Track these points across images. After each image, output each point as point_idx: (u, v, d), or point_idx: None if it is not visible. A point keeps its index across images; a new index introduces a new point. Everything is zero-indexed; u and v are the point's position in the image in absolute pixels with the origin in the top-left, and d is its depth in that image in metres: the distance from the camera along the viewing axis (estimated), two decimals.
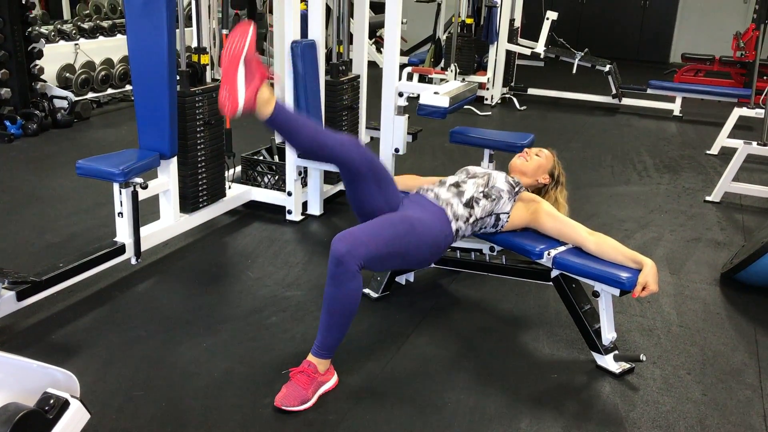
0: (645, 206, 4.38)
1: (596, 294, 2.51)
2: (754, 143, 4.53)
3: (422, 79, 6.19)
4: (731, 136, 5.60)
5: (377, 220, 2.41)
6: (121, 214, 3.02)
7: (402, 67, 3.94)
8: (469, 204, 2.66)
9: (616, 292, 2.43)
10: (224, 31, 3.81)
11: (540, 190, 2.95)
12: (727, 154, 5.23)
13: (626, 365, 2.55)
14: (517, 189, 2.76)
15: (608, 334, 2.54)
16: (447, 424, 2.23)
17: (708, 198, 4.52)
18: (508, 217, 2.71)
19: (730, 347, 2.77)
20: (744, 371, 2.61)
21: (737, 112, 5.54)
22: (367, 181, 2.49)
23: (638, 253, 2.46)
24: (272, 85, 2.24)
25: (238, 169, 4.18)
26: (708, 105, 7.33)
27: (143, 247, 3.14)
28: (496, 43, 7.17)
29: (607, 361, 2.55)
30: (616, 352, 2.57)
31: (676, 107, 7.11)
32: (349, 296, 2.24)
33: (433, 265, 3.14)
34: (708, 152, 5.73)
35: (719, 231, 4.01)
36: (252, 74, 2.12)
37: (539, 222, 2.70)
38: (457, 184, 2.74)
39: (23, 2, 5.45)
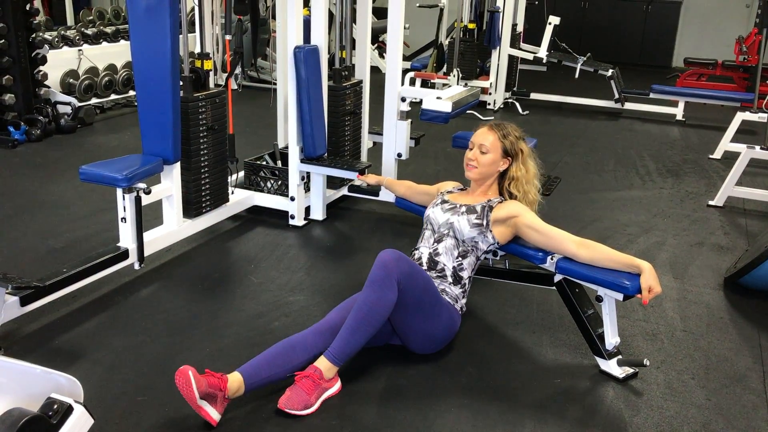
0: (648, 210, 4.38)
1: (599, 299, 2.50)
2: (757, 147, 4.53)
3: (425, 84, 6.22)
4: (734, 140, 5.59)
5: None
6: (124, 219, 3.03)
7: (405, 72, 3.95)
8: (456, 278, 2.66)
9: (620, 296, 2.42)
10: (227, 37, 3.82)
11: (505, 172, 2.79)
12: (730, 158, 5.22)
13: (630, 370, 2.55)
14: (486, 221, 2.66)
15: (612, 339, 2.53)
16: (450, 429, 2.23)
17: (711, 202, 4.52)
18: (495, 240, 2.68)
19: (734, 352, 2.76)
20: (748, 376, 2.60)
21: (740, 117, 5.53)
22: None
23: (633, 256, 2.44)
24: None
25: (241, 174, 4.19)
26: (711, 109, 7.33)
27: (146, 252, 3.15)
28: (498, 48, 7.17)
29: (611, 366, 2.54)
30: (620, 356, 2.57)
31: (678, 111, 7.11)
32: (384, 303, 2.29)
33: None
34: (711, 156, 5.72)
35: (722, 235, 4.01)
36: (213, 395, 2.16)
37: (523, 236, 2.67)
38: (432, 262, 2.66)
39: (27, 8, 5.47)
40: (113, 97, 6.54)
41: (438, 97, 3.69)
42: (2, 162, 4.94)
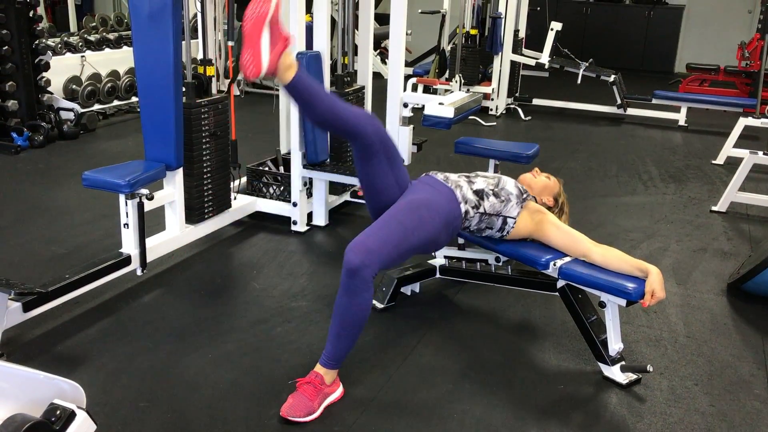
0: (651, 216, 4.37)
1: (602, 304, 2.50)
2: (760, 153, 4.52)
3: (427, 89, 6.23)
4: (737, 145, 5.58)
5: (385, 219, 2.39)
6: (126, 225, 3.03)
7: (407, 77, 3.95)
8: (479, 194, 2.67)
9: (623, 302, 2.42)
10: (230, 43, 3.82)
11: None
12: (733, 163, 5.22)
13: (633, 376, 2.54)
14: (524, 196, 2.76)
15: (615, 345, 2.53)
16: None
17: (714, 208, 4.51)
18: (515, 222, 2.70)
19: (737, 358, 2.76)
20: (752, 382, 2.59)
21: (743, 122, 5.53)
22: (378, 156, 2.46)
23: (643, 261, 2.45)
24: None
25: (244, 179, 4.19)
26: (713, 115, 7.32)
27: (149, 258, 3.15)
28: (500, 53, 7.18)
29: (614, 372, 2.54)
30: (623, 362, 2.56)
31: (681, 117, 7.11)
32: (360, 306, 2.25)
33: (438, 276, 3.15)
34: (714, 162, 5.72)
35: (726, 241, 4.00)
36: (276, 38, 2.10)
37: (544, 232, 2.69)
38: (468, 177, 2.75)
39: (30, 15, 5.49)
40: (116, 103, 6.56)
41: (440, 103, 3.69)
42: (5, 168, 4.95)
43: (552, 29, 7.35)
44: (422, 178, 2.73)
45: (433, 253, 3.15)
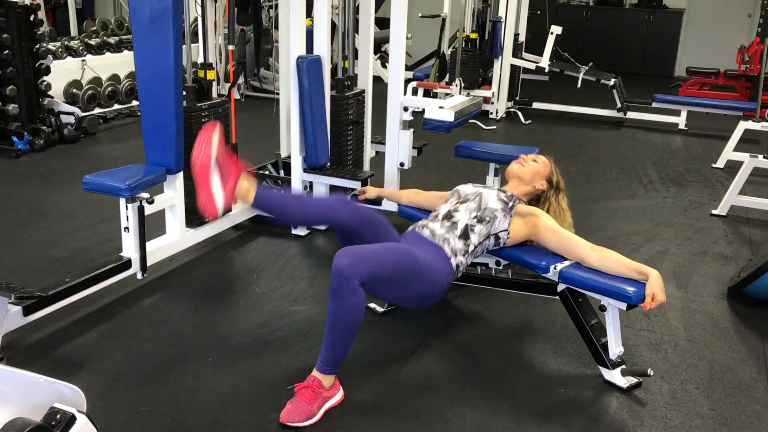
0: (651, 220, 4.37)
1: (603, 308, 2.50)
2: (760, 156, 4.53)
3: (427, 93, 6.23)
4: (737, 149, 5.58)
5: (383, 244, 2.41)
6: (127, 229, 3.03)
7: (407, 81, 3.96)
8: (465, 235, 2.64)
9: (623, 306, 2.42)
10: (230, 47, 3.83)
11: (539, 198, 2.93)
12: (733, 167, 5.22)
13: (634, 380, 2.54)
14: (511, 204, 2.72)
15: (615, 349, 2.53)
16: None
17: (714, 211, 4.51)
18: (508, 234, 2.70)
19: (738, 361, 2.75)
20: (753, 386, 2.59)
21: (743, 126, 5.53)
22: (361, 235, 2.49)
23: (642, 264, 2.45)
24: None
25: None
26: (713, 118, 7.33)
27: (149, 262, 3.15)
28: (500, 57, 7.19)
29: (615, 376, 2.54)
30: (624, 366, 2.56)
31: (681, 121, 7.11)
32: (351, 310, 2.22)
33: None
34: (714, 166, 5.72)
35: (726, 245, 4.00)
36: (227, 174, 2.13)
37: (539, 237, 2.68)
38: (449, 215, 2.70)
39: (31, 19, 5.50)
40: (116, 107, 6.56)
41: (440, 107, 3.70)
42: (6, 172, 4.95)
43: (552, 33, 7.36)
44: (408, 236, 2.70)
45: None
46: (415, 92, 3.95)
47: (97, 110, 6.31)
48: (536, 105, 7.73)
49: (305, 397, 2.26)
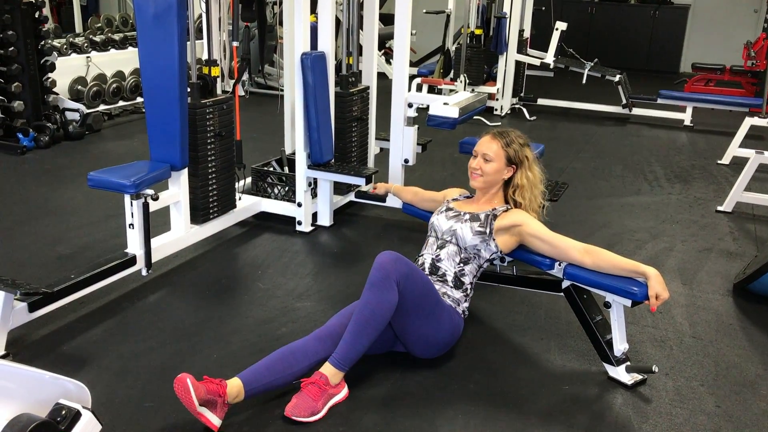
0: (656, 216, 4.36)
1: (608, 305, 2.49)
2: (766, 153, 4.51)
3: (432, 89, 6.22)
4: (743, 145, 5.57)
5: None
6: (132, 225, 3.03)
7: (411, 78, 3.95)
8: (457, 284, 2.65)
9: (628, 302, 2.41)
10: (235, 43, 3.83)
11: (510, 180, 2.75)
12: (739, 163, 5.20)
13: (638, 377, 2.53)
14: (488, 229, 2.64)
15: (620, 345, 2.52)
16: None
17: (720, 208, 4.50)
18: (499, 251, 2.67)
19: (743, 358, 2.75)
20: (758, 383, 2.58)
21: (748, 122, 5.51)
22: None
23: (639, 263, 2.42)
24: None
25: (249, 180, 4.19)
26: (719, 114, 7.30)
27: (154, 259, 3.15)
28: (505, 53, 7.18)
29: (619, 373, 2.53)
30: (628, 363, 2.55)
31: (686, 117, 7.09)
32: (385, 305, 2.29)
33: None
34: (719, 162, 5.70)
35: (731, 241, 3.99)
36: (213, 401, 2.17)
37: (528, 245, 2.65)
38: (434, 267, 2.66)
39: (36, 16, 5.51)
40: (121, 103, 6.57)
41: (445, 103, 3.69)
42: (11, 169, 4.96)
43: (557, 29, 7.34)
44: None
45: None
46: (419, 88, 3.94)
47: (101, 107, 6.32)
48: (541, 101, 7.71)
49: (311, 393, 2.26)
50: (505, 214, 2.68)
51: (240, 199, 3.87)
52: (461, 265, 2.65)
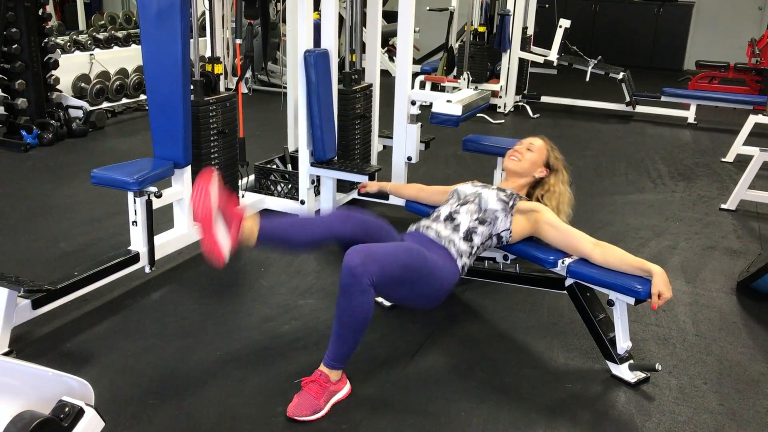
0: (660, 214, 4.35)
1: (611, 303, 2.49)
2: None
3: (435, 87, 6.21)
4: (747, 143, 5.55)
5: (394, 244, 2.42)
6: (135, 222, 3.04)
7: (414, 75, 3.95)
8: (468, 237, 2.64)
9: (631, 300, 2.40)
10: (238, 41, 3.83)
11: (541, 182, 2.88)
12: (743, 161, 5.19)
13: (641, 375, 2.53)
14: (512, 203, 2.71)
15: (623, 344, 2.52)
16: None
17: (723, 206, 4.49)
18: (511, 233, 2.69)
19: (747, 357, 2.74)
20: (762, 381, 2.57)
21: (753, 120, 5.50)
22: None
23: (645, 260, 2.42)
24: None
25: (252, 177, 4.20)
26: (723, 112, 7.29)
27: (157, 256, 3.15)
28: (508, 51, 7.17)
29: (622, 371, 2.53)
30: (632, 361, 2.55)
31: (690, 115, 7.07)
32: (360, 309, 2.22)
33: None
34: (723, 160, 5.69)
35: (735, 239, 3.98)
36: (230, 220, 2.13)
37: (541, 233, 2.66)
38: (450, 217, 2.69)
39: (39, 13, 5.51)
40: (124, 101, 6.58)
41: (448, 101, 3.69)
42: (15, 166, 4.97)
43: (561, 26, 7.33)
44: (414, 236, 2.70)
45: None
46: (422, 86, 3.94)
47: (105, 104, 6.32)
48: (544, 99, 7.70)
49: (312, 391, 2.26)
50: (528, 201, 2.78)
51: (243, 196, 3.87)
52: (476, 222, 2.66)
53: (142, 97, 6.62)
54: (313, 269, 3.40)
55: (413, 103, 4.01)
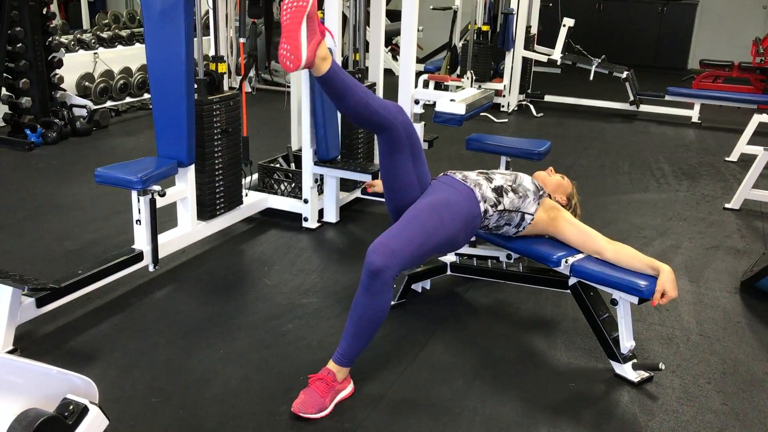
0: (663, 214, 4.35)
1: (614, 302, 2.49)
2: None
3: (438, 86, 6.21)
4: (751, 142, 5.54)
5: (406, 220, 2.38)
6: (139, 221, 3.04)
7: (418, 74, 3.95)
8: (498, 191, 2.65)
9: (635, 300, 2.40)
10: (241, 40, 3.83)
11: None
12: (747, 161, 5.18)
13: (645, 374, 2.53)
14: (541, 192, 2.74)
15: (627, 343, 2.52)
16: None
17: (727, 205, 4.48)
18: (532, 218, 2.69)
19: (750, 356, 2.74)
20: (766, 381, 2.57)
21: (757, 119, 5.48)
22: (404, 151, 2.45)
23: (655, 259, 2.43)
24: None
25: (255, 176, 4.20)
26: (727, 111, 7.27)
27: (161, 255, 3.16)
28: (512, 50, 7.16)
29: (626, 370, 2.53)
30: (635, 360, 2.55)
31: (694, 114, 7.05)
32: (380, 307, 2.26)
33: (449, 273, 3.14)
34: (727, 159, 5.67)
35: (739, 239, 3.97)
36: (313, 31, 2.10)
37: (559, 229, 2.67)
38: (486, 175, 2.73)
39: (44, 12, 5.52)
40: (128, 100, 6.59)
41: (452, 100, 3.68)
42: (19, 164, 4.98)
43: (564, 25, 7.31)
44: (441, 178, 2.70)
45: None
46: (426, 85, 3.93)
47: (109, 103, 6.33)
48: (548, 98, 7.69)
49: (319, 389, 2.27)
50: (550, 200, 2.80)
51: (246, 195, 3.87)
52: (509, 187, 2.67)
53: (146, 96, 6.63)
54: (317, 268, 3.40)
55: (417, 102, 4.00)
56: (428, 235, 2.36)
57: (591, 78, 7.36)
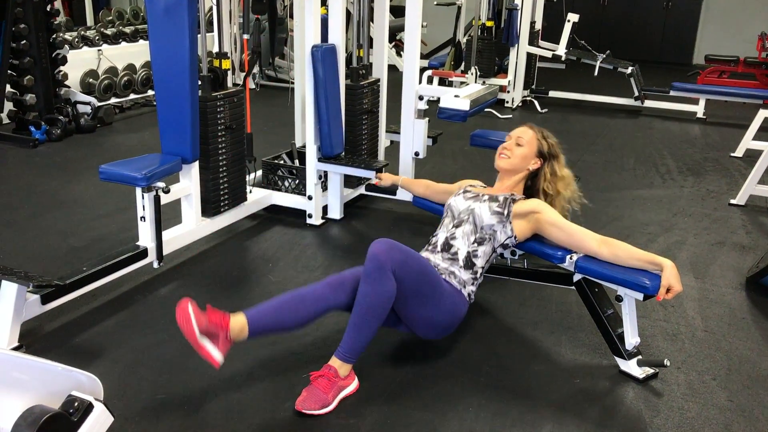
0: (668, 209, 4.33)
1: (619, 298, 2.48)
2: None
3: (442, 82, 6.20)
4: (756, 138, 5.51)
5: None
6: (143, 218, 3.04)
7: (422, 70, 3.94)
8: (468, 264, 2.60)
9: (640, 296, 2.39)
10: (245, 36, 3.83)
11: (537, 172, 2.79)
12: (752, 156, 5.16)
13: (650, 370, 2.52)
14: (507, 211, 2.64)
15: (631, 339, 2.51)
16: (468, 429, 2.22)
17: (733, 201, 4.46)
18: (515, 237, 2.65)
19: (756, 353, 2.73)
20: None
21: (762, 114, 5.45)
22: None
23: (655, 254, 2.41)
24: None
25: (259, 173, 4.20)
26: (732, 107, 7.24)
27: (165, 251, 3.16)
28: (516, 45, 7.14)
29: (631, 366, 2.52)
30: (640, 357, 2.54)
31: (699, 109, 7.03)
32: (382, 296, 2.26)
33: None
34: (732, 155, 5.65)
35: (744, 234, 3.96)
36: (215, 333, 2.19)
37: (545, 233, 2.62)
38: (447, 245, 2.64)
39: (48, 9, 5.53)
40: (132, 96, 6.60)
41: (456, 96, 3.68)
42: (23, 161, 4.99)
43: (569, 21, 7.30)
44: None
45: None
46: (430, 81, 3.93)
47: (113, 100, 6.34)
48: (552, 93, 7.68)
49: (321, 386, 2.27)
50: (524, 201, 2.70)
51: (251, 192, 3.87)
52: (475, 245, 2.62)
53: (150, 92, 6.63)
54: (321, 264, 3.40)
55: (421, 98, 4.00)
56: (428, 272, 2.42)
57: (596, 73, 7.34)
